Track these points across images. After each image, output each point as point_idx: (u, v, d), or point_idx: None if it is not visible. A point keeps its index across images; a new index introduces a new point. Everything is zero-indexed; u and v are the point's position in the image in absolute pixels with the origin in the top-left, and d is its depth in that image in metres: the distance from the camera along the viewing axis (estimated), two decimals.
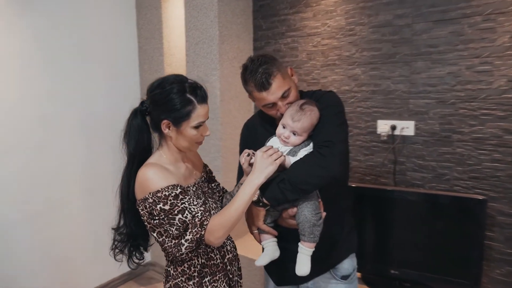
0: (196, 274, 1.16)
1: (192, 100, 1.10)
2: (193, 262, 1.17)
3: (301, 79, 2.32)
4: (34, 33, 2.18)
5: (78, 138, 2.44)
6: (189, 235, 1.04)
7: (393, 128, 1.99)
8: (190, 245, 1.05)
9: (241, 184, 1.23)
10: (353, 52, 2.11)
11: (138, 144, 1.14)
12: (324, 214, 1.17)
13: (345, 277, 1.33)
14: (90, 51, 2.45)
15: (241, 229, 2.49)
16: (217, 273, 1.21)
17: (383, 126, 2.02)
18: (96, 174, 2.53)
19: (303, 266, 1.13)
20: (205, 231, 1.05)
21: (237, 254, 1.34)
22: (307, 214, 1.13)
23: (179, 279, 1.17)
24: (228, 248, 1.28)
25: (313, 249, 1.14)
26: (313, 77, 2.28)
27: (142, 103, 1.15)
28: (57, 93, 2.30)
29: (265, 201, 1.13)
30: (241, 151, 1.40)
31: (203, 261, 1.18)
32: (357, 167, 2.17)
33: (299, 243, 1.14)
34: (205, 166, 1.38)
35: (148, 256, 2.90)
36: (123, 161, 1.16)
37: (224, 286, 1.22)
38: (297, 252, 1.15)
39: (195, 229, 1.05)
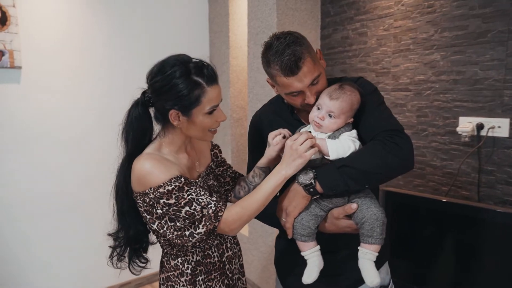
0: (189, 271, 1.07)
1: (199, 82, 0.96)
2: (188, 258, 1.07)
3: (369, 69, 2.02)
4: (107, 28, 2.39)
5: None
6: (203, 228, 0.95)
7: (480, 127, 1.56)
8: (202, 237, 0.97)
9: (259, 168, 1.09)
10: (431, 33, 1.72)
11: (136, 137, 1.03)
12: None
13: (384, 287, 1.16)
14: (164, 48, 2.57)
15: None
16: (213, 272, 1.09)
17: (466, 124, 1.59)
18: None
19: (372, 273, 0.96)
20: (219, 222, 0.96)
21: (239, 250, 1.21)
22: (376, 210, 0.97)
23: (171, 273, 1.09)
24: (228, 245, 1.15)
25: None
26: (382, 66, 1.96)
27: (143, 93, 1.04)
28: (127, 89, 2.47)
29: (317, 187, 0.95)
30: (251, 147, 1.25)
31: (198, 258, 1.08)
32: (431, 174, 1.77)
33: (363, 248, 0.97)
34: (213, 148, 1.23)
35: None
36: (120, 156, 1.06)
37: (220, 286, 1.10)
38: (335, 263, 1.04)
39: (209, 221, 0.95)
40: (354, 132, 1.02)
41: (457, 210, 1.51)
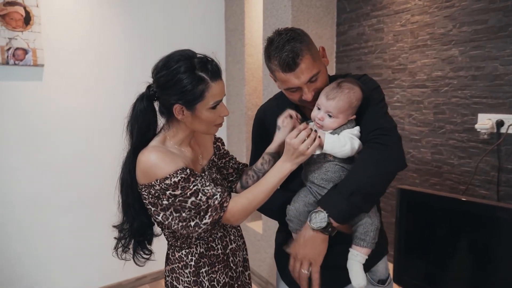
0: (193, 263, 1.09)
1: (203, 77, 0.97)
2: (191, 250, 1.09)
3: (386, 65, 1.99)
4: (126, 28, 2.44)
5: None
6: (209, 219, 0.97)
7: (500, 124, 1.51)
8: (208, 227, 0.99)
9: (268, 154, 1.11)
10: (449, 28, 1.68)
11: (141, 130, 1.05)
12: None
13: (382, 282, 1.17)
14: (181, 46, 2.61)
15: None
16: (216, 264, 1.11)
17: (485, 121, 1.55)
18: None
19: (359, 275, 0.99)
20: (224, 213, 0.99)
21: (243, 243, 1.22)
22: (373, 215, 1.01)
23: (175, 265, 1.11)
24: (232, 237, 1.17)
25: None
26: (399, 62, 1.92)
27: (148, 87, 1.05)
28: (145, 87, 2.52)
29: (334, 223, 0.96)
30: (255, 140, 1.26)
31: (202, 250, 1.09)
32: (448, 173, 1.73)
33: (353, 250, 1.01)
34: (215, 141, 1.24)
35: None
36: (125, 150, 1.08)
37: (223, 278, 1.11)
38: (332, 256, 1.03)
39: (215, 211, 0.98)
40: (355, 129, 1.03)
41: (475, 209, 1.47)
